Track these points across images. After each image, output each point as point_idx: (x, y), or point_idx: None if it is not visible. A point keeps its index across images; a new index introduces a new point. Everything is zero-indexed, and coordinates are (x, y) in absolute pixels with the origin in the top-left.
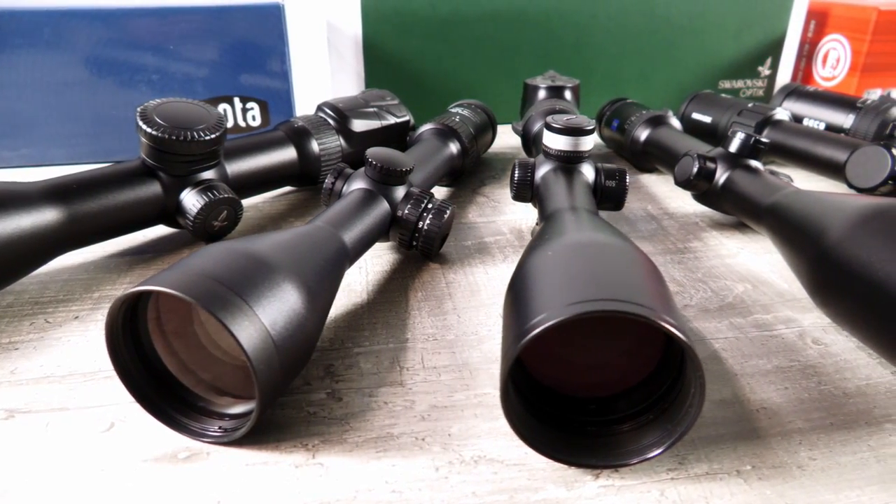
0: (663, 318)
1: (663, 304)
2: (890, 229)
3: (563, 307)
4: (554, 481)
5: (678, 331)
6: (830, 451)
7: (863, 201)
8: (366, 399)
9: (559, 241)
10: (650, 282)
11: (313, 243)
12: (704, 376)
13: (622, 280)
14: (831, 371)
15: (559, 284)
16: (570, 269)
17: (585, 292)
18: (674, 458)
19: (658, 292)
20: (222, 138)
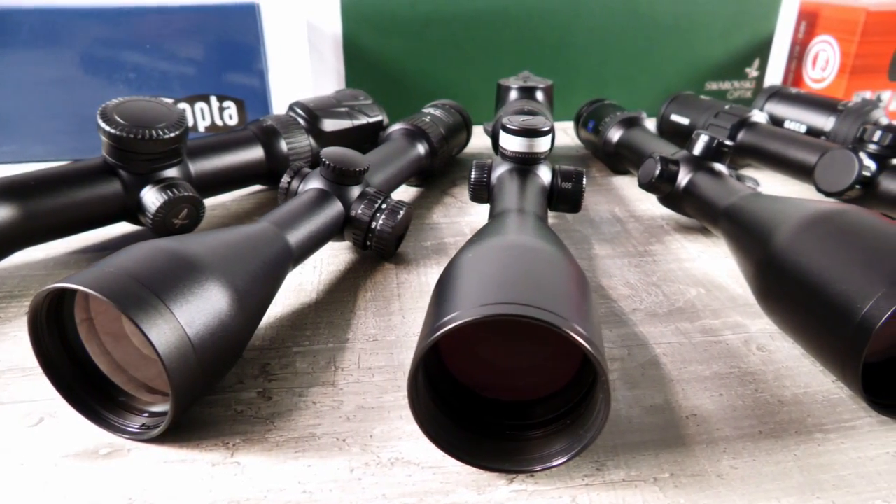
0: (571, 327)
1: (578, 313)
2: (831, 236)
3: (475, 307)
4: (467, 485)
5: (584, 340)
6: (754, 461)
7: (810, 206)
8: (295, 399)
9: (489, 242)
10: (570, 290)
11: (250, 243)
12: (609, 387)
13: (539, 286)
14: (770, 379)
15: (477, 285)
16: (491, 270)
17: (499, 294)
18: (592, 464)
19: (576, 301)
20: (183, 136)
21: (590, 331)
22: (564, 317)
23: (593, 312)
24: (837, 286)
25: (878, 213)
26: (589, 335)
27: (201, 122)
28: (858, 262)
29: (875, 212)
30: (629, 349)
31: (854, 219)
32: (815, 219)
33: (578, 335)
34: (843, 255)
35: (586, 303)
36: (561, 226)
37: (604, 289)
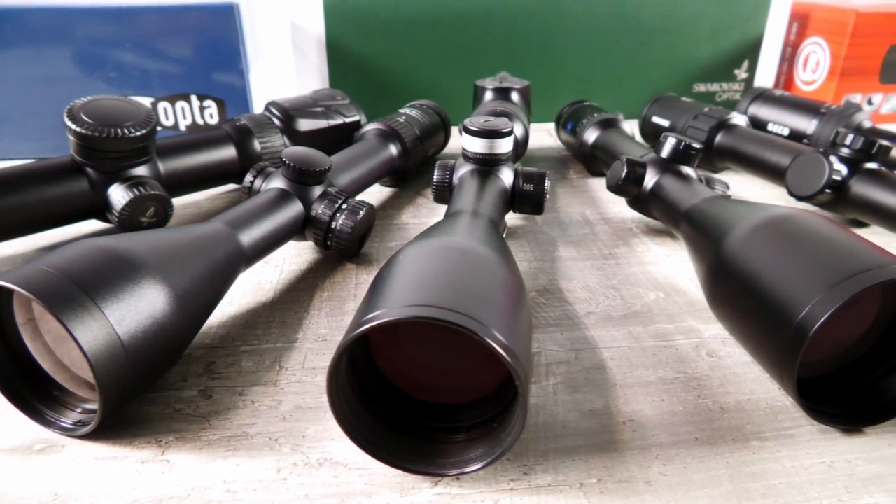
0: (489, 334)
1: (501, 320)
2: (775, 241)
3: (399, 307)
4: (391, 487)
5: (501, 348)
6: (685, 468)
7: (759, 211)
8: (235, 398)
9: (429, 243)
10: (498, 297)
11: (196, 242)
12: (527, 397)
13: (465, 290)
14: (715, 385)
15: (404, 285)
16: (422, 271)
17: (424, 296)
18: (520, 468)
19: (502, 308)
20: (150, 135)
21: (512, 339)
22: (485, 323)
23: (521, 321)
24: (778, 291)
25: (827, 219)
26: (508, 343)
27: (182, 121)
28: (799, 267)
29: (824, 217)
30: (577, 353)
31: (800, 224)
32: (761, 224)
33: (496, 342)
34: (784, 260)
35: (515, 310)
36: (529, 227)
37: (561, 291)
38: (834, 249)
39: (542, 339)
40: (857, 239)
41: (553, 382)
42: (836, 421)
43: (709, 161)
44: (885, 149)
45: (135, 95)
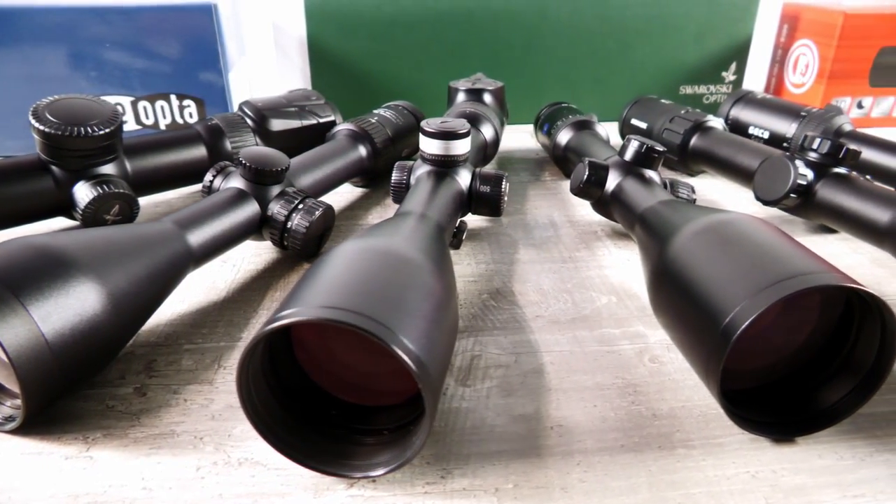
0: (397, 341)
1: (418, 329)
2: (710, 246)
3: (311, 307)
4: (305, 488)
5: (406, 355)
6: (605, 475)
7: (702, 215)
8: (168, 396)
9: (361, 243)
10: (419, 305)
11: (137, 242)
12: (433, 406)
13: (383, 296)
14: (652, 391)
15: (324, 284)
16: (345, 271)
17: (338, 298)
18: (439, 472)
19: (421, 317)
20: (115, 133)
21: (424, 348)
22: (394, 330)
23: (439, 330)
24: (707, 296)
25: (768, 225)
26: (418, 352)
27: (162, 120)
28: (729, 272)
29: (764, 223)
30: (517, 356)
31: (736, 229)
32: (699, 229)
33: (402, 350)
34: (716, 265)
35: (433, 319)
36: (493, 229)
37: (513, 294)
38: (765, 255)
39: (485, 342)
40: (792, 245)
41: (488, 386)
42: (766, 430)
43: (684, 164)
44: (853, 153)
45: (115, 95)
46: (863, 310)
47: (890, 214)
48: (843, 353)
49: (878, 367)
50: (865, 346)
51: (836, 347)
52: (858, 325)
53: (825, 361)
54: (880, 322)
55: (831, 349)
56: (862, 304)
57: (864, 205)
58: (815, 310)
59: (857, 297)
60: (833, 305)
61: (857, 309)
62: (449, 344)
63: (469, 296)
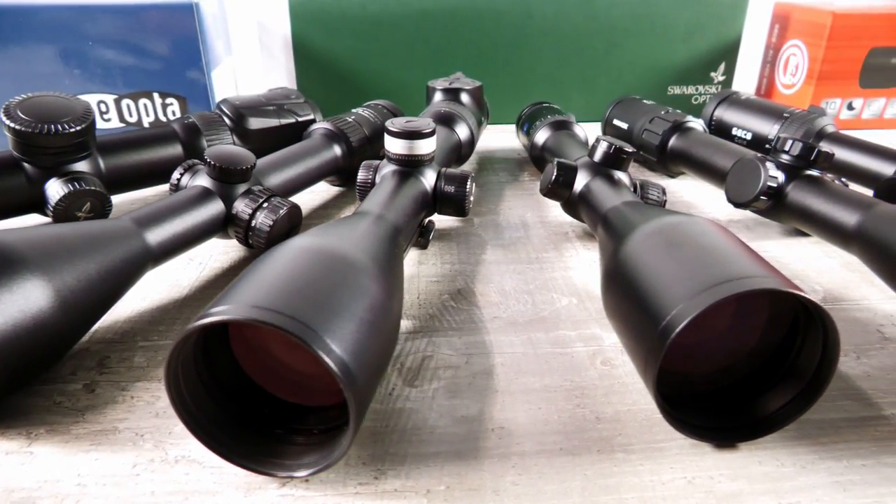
0: (321, 344)
1: (348, 333)
2: (658, 248)
3: (238, 306)
4: (237, 486)
5: (329, 358)
6: (539, 478)
7: (654, 217)
8: (116, 393)
9: (302, 241)
10: (352, 308)
11: (92, 239)
12: (357, 411)
13: (313, 297)
14: (600, 394)
15: (256, 282)
16: (279, 270)
17: (266, 298)
18: (373, 472)
19: (349, 316)
20: (87, 131)
21: (352, 353)
22: (318, 331)
23: (372, 335)
24: (649, 298)
25: (721, 228)
26: (342, 354)
27: (145, 118)
28: (672, 275)
29: (717, 226)
30: (469, 358)
31: (685, 232)
32: (649, 231)
33: (324, 351)
34: (660, 267)
35: (367, 324)
36: (463, 229)
37: (475, 295)
38: (709, 258)
39: (438, 342)
40: (740, 249)
41: (434, 387)
42: (707, 435)
43: (663, 165)
44: (825, 155)
45: (99, 93)
46: (807, 317)
47: (857, 217)
48: (788, 360)
49: (819, 375)
50: (809, 354)
51: (783, 354)
52: (804, 332)
53: (772, 368)
54: (822, 329)
55: (779, 356)
56: (806, 311)
57: (832, 208)
58: (763, 316)
59: (801, 304)
60: (783, 312)
61: (802, 316)
62: (384, 348)
63: (430, 296)
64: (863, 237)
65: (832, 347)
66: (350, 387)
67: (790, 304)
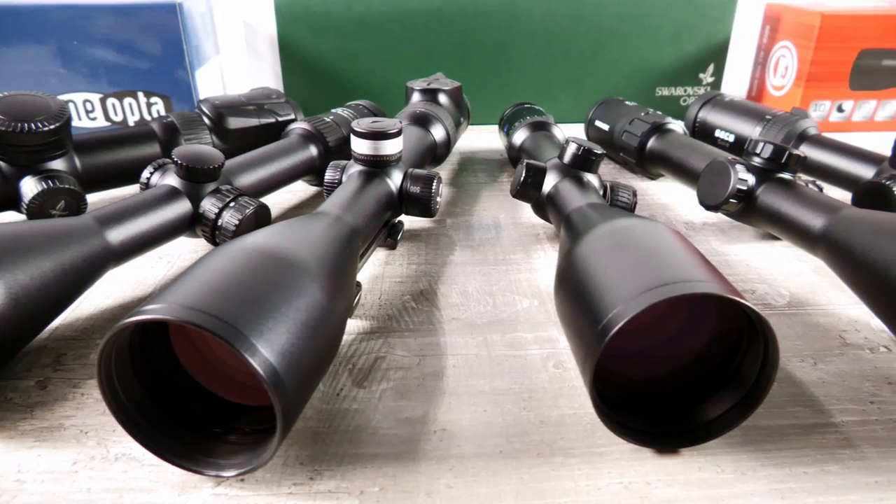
0: (245, 344)
1: (276, 330)
2: (604, 251)
3: (167, 305)
4: (173, 485)
5: (254, 360)
6: (475, 481)
7: (606, 219)
8: (68, 390)
9: (245, 241)
10: (283, 308)
11: (47, 238)
12: (289, 418)
13: (240, 296)
14: (548, 397)
15: (190, 281)
16: (215, 270)
17: (195, 298)
18: (310, 472)
19: (282, 319)
20: (62, 129)
21: (281, 353)
22: (246, 333)
23: (307, 336)
24: (591, 300)
25: (671, 232)
26: (270, 356)
27: (130, 117)
28: (614, 276)
29: (668, 229)
30: (421, 359)
31: (633, 234)
32: (600, 233)
33: (249, 353)
34: (604, 269)
35: (302, 325)
36: (435, 230)
37: (436, 296)
38: (654, 260)
39: (393, 343)
40: (687, 253)
41: (383, 388)
42: (645, 439)
43: (643, 167)
44: (797, 158)
45: (84, 92)
46: (751, 325)
47: (823, 221)
48: (732, 368)
49: (758, 384)
50: (751, 362)
51: (728, 361)
52: (747, 340)
53: (717, 375)
54: (763, 338)
55: (724, 363)
56: (749, 318)
57: (800, 211)
58: (711, 323)
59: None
60: (730, 320)
61: (746, 324)
62: (320, 351)
63: (391, 297)
64: (828, 241)
65: (772, 356)
66: (276, 389)
67: (736, 311)
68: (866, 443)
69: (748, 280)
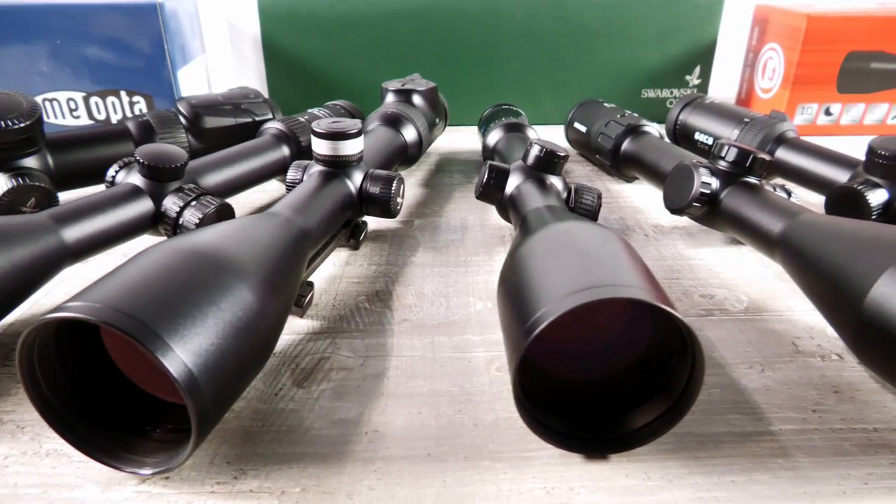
0: (159, 345)
1: (196, 333)
2: (539, 253)
3: (82, 303)
4: (98, 481)
5: (167, 361)
6: (397, 483)
7: (548, 222)
8: (12, 385)
9: (180, 241)
10: (206, 310)
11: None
12: (203, 415)
13: (159, 297)
14: (485, 400)
15: (112, 279)
16: (140, 269)
17: (112, 296)
18: (235, 471)
19: (192, 317)
20: (34, 127)
21: (199, 355)
22: (159, 333)
23: (231, 338)
24: (523, 301)
25: (611, 237)
26: (186, 359)
27: (113, 115)
28: (547, 278)
29: (611, 235)
30: (365, 360)
31: (573, 237)
32: (539, 236)
33: (163, 355)
34: (537, 271)
35: (226, 325)
36: (400, 231)
37: (391, 297)
38: (588, 264)
39: (340, 343)
40: (624, 258)
41: (322, 388)
42: (574, 445)
43: (618, 169)
44: (761, 162)
45: (68, 90)
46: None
47: (781, 225)
48: (664, 376)
49: (685, 393)
50: (681, 372)
51: (662, 370)
52: (679, 349)
53: (652, 382)
54: (690, 347)
55: (658, 371)
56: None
57: (761, 215)
58: (647, 330)
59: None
60: (667, 328)
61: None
62: (247, 353)
63: (347, 297)
64: (785, 245)
65: (699, 366)
66: (191, 392)
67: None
68: (801, 452)
69: (708, 285)
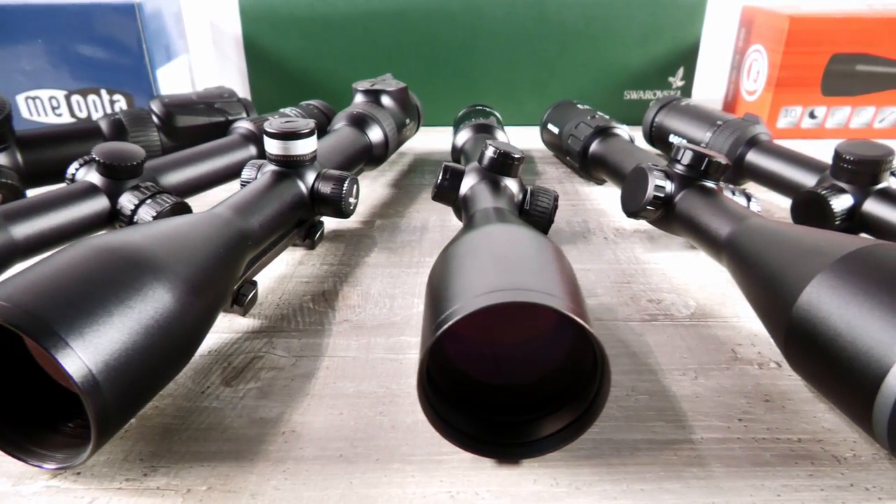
0: (58, 344)
1: (101, 332)
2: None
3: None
4: (10, 475)
5: (61, 358)
6: (304, 484)
7: (478, 225)
8: None
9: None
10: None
11: None
12: (103, 417)
13: (57, 292)
14: (408, 403)
15: (27, 273)
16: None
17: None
18: (146, 468)
19: (98, 317)
20: (3, 124)
21: (101, 355)
22: (59, 332)
23: (141, 339)
24: (437, 299)
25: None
26: (87, 359)
27: (94, 113)
28: (464, 278)
29: (541, 240)
30: (298, 360)
31: (498, 240)
32: (465, 238)
33: (59, 352)
34: (455, 271)
35: (137, 325)
36: (359, 231)
37: (336, 297)
38: (507, 267)
39: (276, 343)
40: (549, 265)
41: (249, 387)
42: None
43: (586, 171)
44: (717, 165)
45: (48, 88)
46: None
47: (728, 229)
48: (580, 384)
49: (593, 402)
50: (594, 380)
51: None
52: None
53: (568, 390)
54: (599, 356)
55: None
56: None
57: (710, 219)
58: (567, 339)
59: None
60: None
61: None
62: (159, 355)
63: (292, 297)
64: (729, 250)
65: (606, 377)
66: (89, 389)
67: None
68: (718, 461)
69: (658, 289)
